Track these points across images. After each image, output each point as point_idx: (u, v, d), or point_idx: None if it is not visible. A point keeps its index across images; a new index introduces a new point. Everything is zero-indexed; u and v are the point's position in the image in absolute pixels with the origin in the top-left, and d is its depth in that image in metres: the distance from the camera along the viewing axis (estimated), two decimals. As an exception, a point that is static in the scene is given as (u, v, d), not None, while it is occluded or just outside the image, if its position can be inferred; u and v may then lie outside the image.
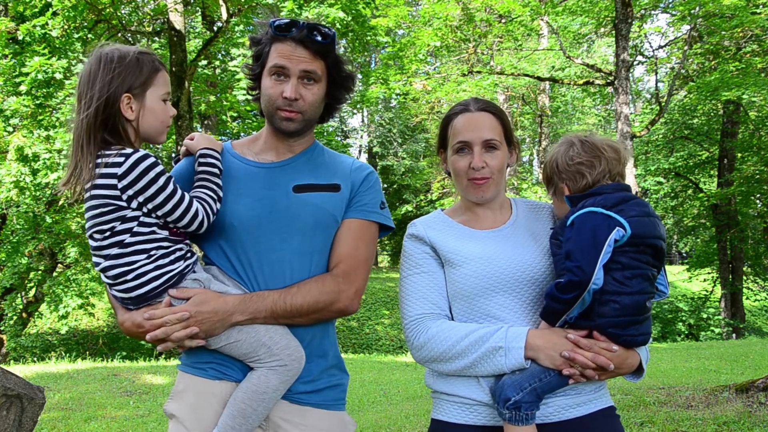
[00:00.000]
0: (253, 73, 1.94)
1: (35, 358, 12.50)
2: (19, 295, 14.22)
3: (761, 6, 12.98)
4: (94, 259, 1.79)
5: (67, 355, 12.64)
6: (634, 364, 1.79)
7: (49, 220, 12.50)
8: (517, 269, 1.85)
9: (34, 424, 3.25)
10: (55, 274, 14.11)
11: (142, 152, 1.69)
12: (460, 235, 1.95)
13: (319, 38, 1.85)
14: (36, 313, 15.22)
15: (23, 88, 11.17)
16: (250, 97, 2.05)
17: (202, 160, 1.88)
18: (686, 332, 20.19)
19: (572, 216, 1.77)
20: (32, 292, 14.69)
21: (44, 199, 12.47)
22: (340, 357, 2.01)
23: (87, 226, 1.76)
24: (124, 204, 1.69)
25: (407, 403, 6.29)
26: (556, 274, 1.84)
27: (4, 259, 12.84)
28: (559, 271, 1.79)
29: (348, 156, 2.09)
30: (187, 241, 1.85)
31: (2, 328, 14.21)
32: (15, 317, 14.18)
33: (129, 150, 1.70)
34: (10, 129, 12.04)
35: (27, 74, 11.02)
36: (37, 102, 11.42)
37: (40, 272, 14.10)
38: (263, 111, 1.94)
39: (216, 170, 1.87)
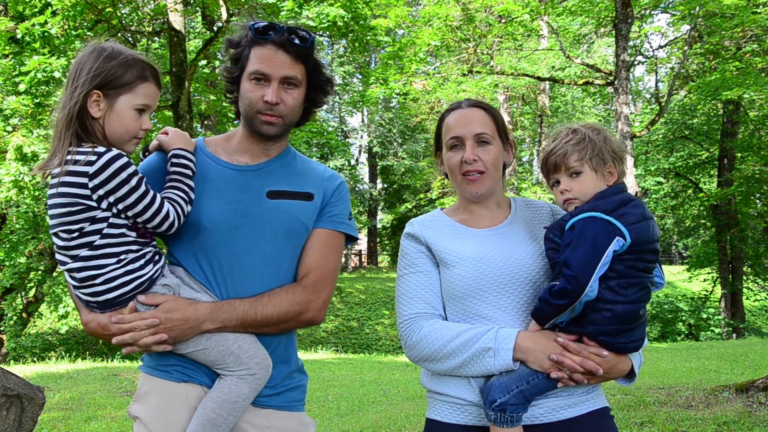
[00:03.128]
0: (232, 76, 1.92)
1: (35, 358, 12.49)
2: (19, 295, 14.21)
3: (761, 6, 12.97)
4: (60, 258, 1.75)
5: (67, 355, 12.64)
6: (625, 369, 1.79)
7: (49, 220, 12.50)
8: (512, 269, 1.85)
9: (34, 424, 3.25)
10: (55, 274, 14.09)
11: (114, 152, 1.66)
12: (456, 235, 1.95)
13: (298, 42, 1.84)
14: (36, 313, 15.22)
15: (22, 87, 11.16)
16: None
17: (175, 160, 1.84)
18: (686, 332, 20.21)
19: (572, 219, 1.74)
20: (32, 292, 14.68)
21: (44, 198, 12.46)
22: (300, 360, 2.02)
23: (51, 224, 1.72)
24: (93, 204, 1.65)
25: (407, 403, 6.29)
26: (552, 276, 1.82)
27: (3, 258, 12.83)
28: (555, 274, 1.77)
29: (319, 163, 2.10)
30: (154, 242, 1.82)
31: (2, 328, 14.20)
32: (15, 317, 14.17)
33: (101, 149, 1.65)
34: (10, 128, 12.04)
35: (26, 73, 11.01)
36: (36, 101, 11.41)
37: (40, 272, 14.10)
38: (242, 114, 1.92)
39: (189, 172, 1.84)
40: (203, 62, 15.40)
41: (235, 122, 16.87)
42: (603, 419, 1.85)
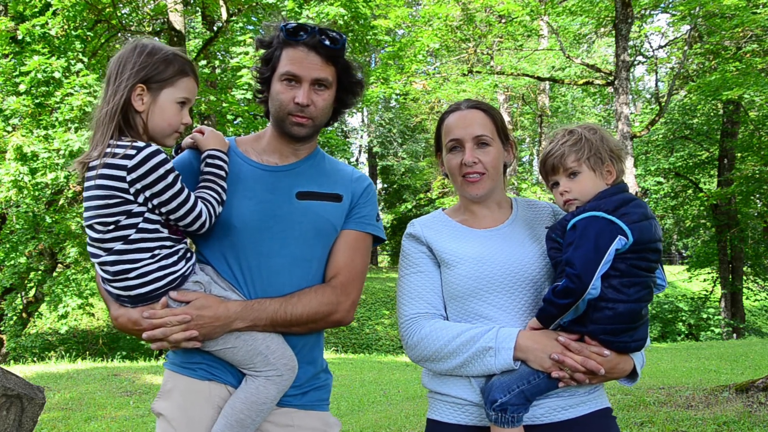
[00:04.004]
0: (263, 77, 1.94)
1: (35, 358, 12.49)
2: (19, 295, 14.20)
3: (761, 6, 12.96)
4: (92, 250, 1.75)
5: (67, 355, 12.64)
6: (627, 369, 1.78)
7: (49, 220, 12.48)
8: (512, 270, 1.85)
9: (34, 424, 3.25)
10: (55, 274, 14.09)
11: (154, 147, 1.68)
12: (458, 235, 1.95)
13: (329, 43, 1.85)
14: (36, 313, 15.21)
15: (22, 87, 11.16)
16: (249, 96, 2.03)
17: (210, 160, 1.86)
18: (686, 332, 20.21)
19: (574, 219, 1.74)
20: (32, 292, 14.67)
21: (44, 198, 12.46)
22: (324, 361, 2.03)
23: (87, 215, 1.73)
24: (130, 198, 1.67)
25: (407, 403, 6.29)
26: (554, 276, 1.82)
27: (3, 258, 12.82)
28: (557, 273, 1.77)
29: (347, 164, 2.11)
30: (186, 240, 1.84)
31: (2, 328, 14.20)
32: (15, 317, 14.16)
33: (141, 143, 1.68)
34: (9, 129, 12.03)
35: (26, 73, 11.01)
36: (36, 101, 11.40)
37: (40, 272, 14.09)
38: (272, 115, 1.93)
39: (223, 173, 1.86)
40: (203, 62, 15.39)
41: (235, 122, 16.90)
42: (605, 420, 1.84)
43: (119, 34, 13.73)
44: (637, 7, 13.82)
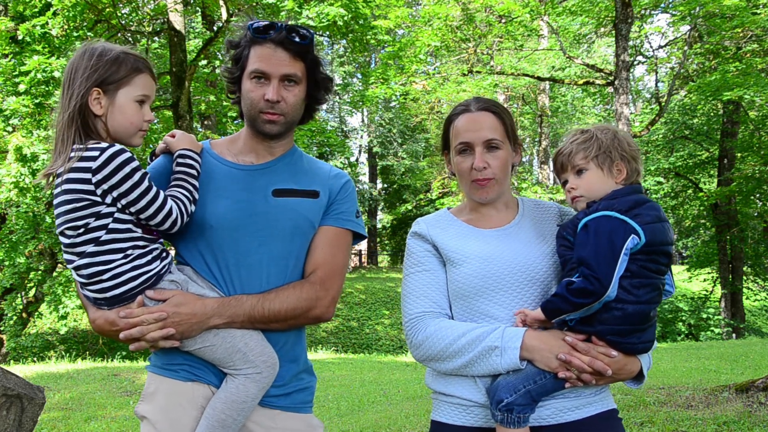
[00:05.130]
0: (233, 77, 1.94)
1: (35, 358, 12.49)
2: (19, 295, 14.20)
3: (761, 6, 12.96)
4: (67, 256, 1.75)
5: (67, 355, 12.64)
6: (634, 371, 1.77)
7: (49, 220, 12.48)
8: (519, 269, 1.84)
9: (34, 424, 3.25)
10: (55, 274, 14.09)
11: (117, 146, 1.67)
12: (464, 234, 1.94)
13: (297, 39, 1.85)
14: (36, 313, 15.21)
15: (22, 87, 11.16)
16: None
17: (180, 160, 1.86)
18: (686, 332, 20.21)
19: (585, 218, 1.73)
20: (32, 292, 14.68)
21: (44, 199, 12.46)
22: (308, 361, 2.03)
23: (58, 222, 1.72)
24: (98, 199, 1.66)
25: (407, 403, 6.29)
26: (563, 274, 1.80)
27: (3, 258, 12.83)
28: (567, 270, 1.76)
29: (325, 162, 2.11)
30: (161, 241, 1.83)
31: (2, 328, 14.20)
32: (15, 317, 14.17)
33: (104, 144, 1.67)
34: (10, 129, 12.03)
35: (26, 73, 11.00)
36: (36, 101, 11.40)
37: (40, 272, 14.09)
38: (244, 114, 1.93)
39: (194, 171, 1.86)
40: (203, 62, 15.39)
41: (235, 122, 16.90)
42: (611, 421, 1.83)
43: (119, 34, 13.72)
44: (637, 7, 13.82)
